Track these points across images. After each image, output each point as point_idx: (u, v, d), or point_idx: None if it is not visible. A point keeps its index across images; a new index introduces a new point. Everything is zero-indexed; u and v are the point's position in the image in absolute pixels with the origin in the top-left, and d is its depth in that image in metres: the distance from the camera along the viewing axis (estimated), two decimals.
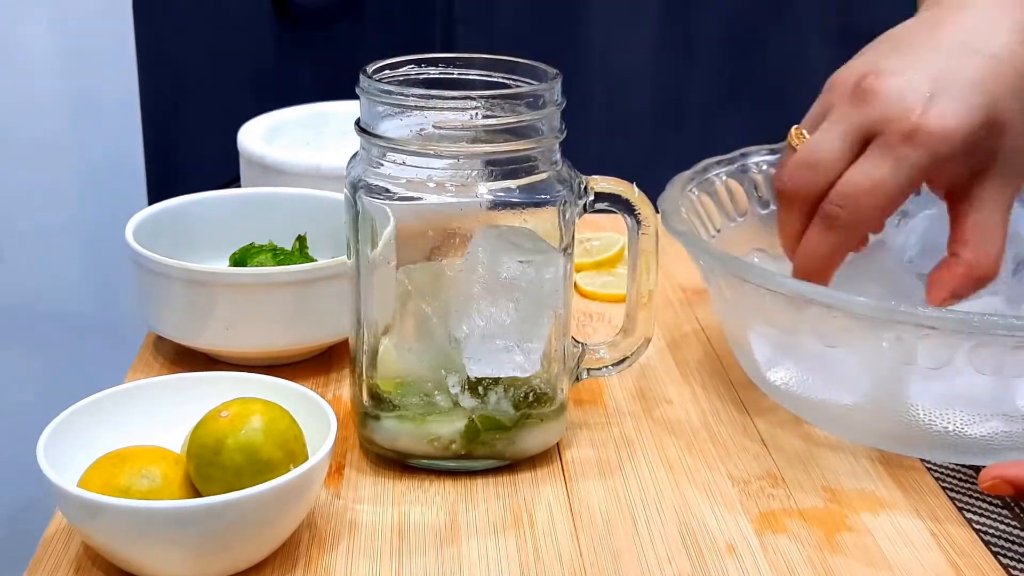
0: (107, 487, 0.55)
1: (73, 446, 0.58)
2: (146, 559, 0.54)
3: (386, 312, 0.63)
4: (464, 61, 0.65)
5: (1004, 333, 0.59)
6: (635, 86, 1.26)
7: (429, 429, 0.63)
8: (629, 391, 0.75)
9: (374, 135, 0.61)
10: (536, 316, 0.62)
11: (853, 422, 0.68)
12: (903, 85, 0.64)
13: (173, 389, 0.63)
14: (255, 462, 0.55)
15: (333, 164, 0.86)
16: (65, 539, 0.59)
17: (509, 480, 0.65)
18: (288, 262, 0.76)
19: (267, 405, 0.58)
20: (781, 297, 0.64)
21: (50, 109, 1.56)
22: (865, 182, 0.64)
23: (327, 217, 0.79)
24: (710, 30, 1.24)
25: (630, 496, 0.64)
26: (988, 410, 0.63)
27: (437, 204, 0.61)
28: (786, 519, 0.62)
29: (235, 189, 0.88)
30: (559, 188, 0.62)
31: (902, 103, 0.63)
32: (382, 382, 0.64)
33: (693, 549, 0.59)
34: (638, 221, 0.65)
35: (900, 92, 0.64)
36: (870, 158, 0.64)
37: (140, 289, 0.75)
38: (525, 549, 0.59)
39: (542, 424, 0.65)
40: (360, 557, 0.58)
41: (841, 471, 0.66)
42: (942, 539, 0.61)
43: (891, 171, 0.63)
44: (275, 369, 0.72)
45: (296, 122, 0.98)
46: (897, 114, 0.63)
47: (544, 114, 0.61)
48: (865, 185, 0.64)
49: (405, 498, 0.63)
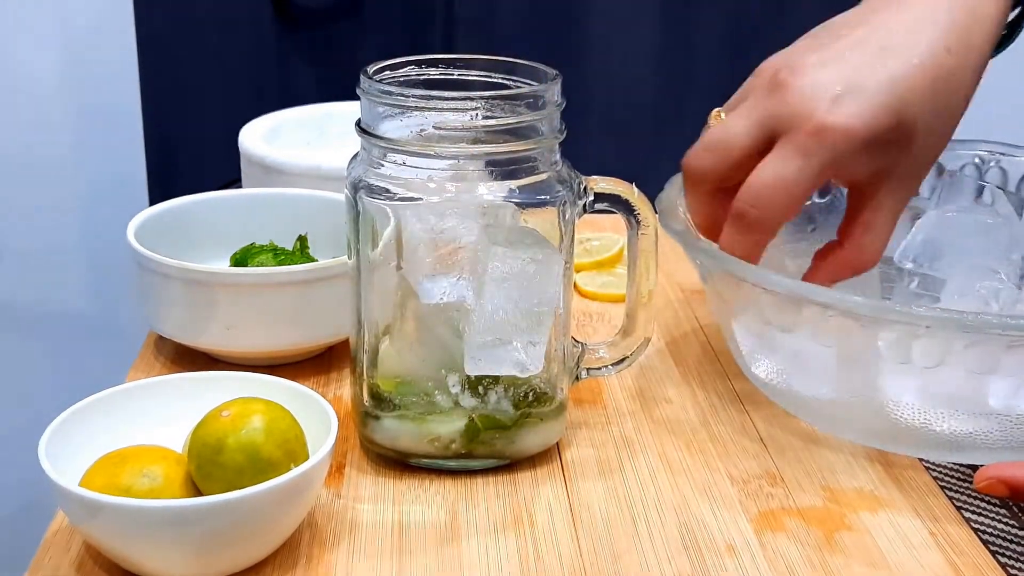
0: (108, 486, 0.55)
1: (74, 446, 0.59)
2: (147, 558, 0.54)
3: (386, 312, 0.64)
4: (464, 62, 0.65)
5: (999, 332, 0.60)
6: (635, 86, 1.26)
7: (429, 428, 0.64)
8: (629, 391, 0.75)
9: (375, 136, 0.61)
10: (537, 315, 0.62)
11: (831, 416, 0.69)
12: (815, 82, 0.64)
13: (174, 389, 0.63)
14: (256, 462, 0.56)
15: (333, 164, 0.86)
16: (66, 539, 0.59)
17: (509, 480, 0.65)
18: (289, 262, 0.76)
19: (268, 405, 0.58)
20: (776, 296, 0.64)
21: (52, 109, 1.57)
22: (772, 180, 0.65)
23: (327, 217, 0.80)
24: (710, 30, 1.24)
25: (630, 496, 0.64)
26: (963, 407, 0.64)
27: (437, 204, 0.61)
28: (785, 518, 0.62)
29: (236, 189, 0.88)
30: (559, 188, 0.62)
31: (810, 100, 0.64)
32: (382, 381, 0.64)
33: (693, 549, 0.59)
34: (638, 221, 0.66)
35: (811, 89, 0.64)
36: (777, 155, 0.65)
37: (141, 289, 0.75)
38: (525, 549, 0.59)
39: (542, 423, 0.65)
40: (361, 556, 0.58)
41: (840, 471, 0.66)
42: (940, 538, 0.61)
43: (796, 168, 0.64)
44: (276, 369, 0.72)
45: (296, 122, 0.98)
46: (804, 111, 0.64)
47: (544, 114, 0.62)
48: (772, 183, 0.65)
49: (405, 497, 0.63)
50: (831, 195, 0.80)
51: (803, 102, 0.64)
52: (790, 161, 0.64)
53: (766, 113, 0.65)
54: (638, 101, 1.25)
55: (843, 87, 0.64)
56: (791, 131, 0.64)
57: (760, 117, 0.65)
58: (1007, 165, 0.83)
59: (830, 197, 0.80)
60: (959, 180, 0.82)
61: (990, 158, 0.83)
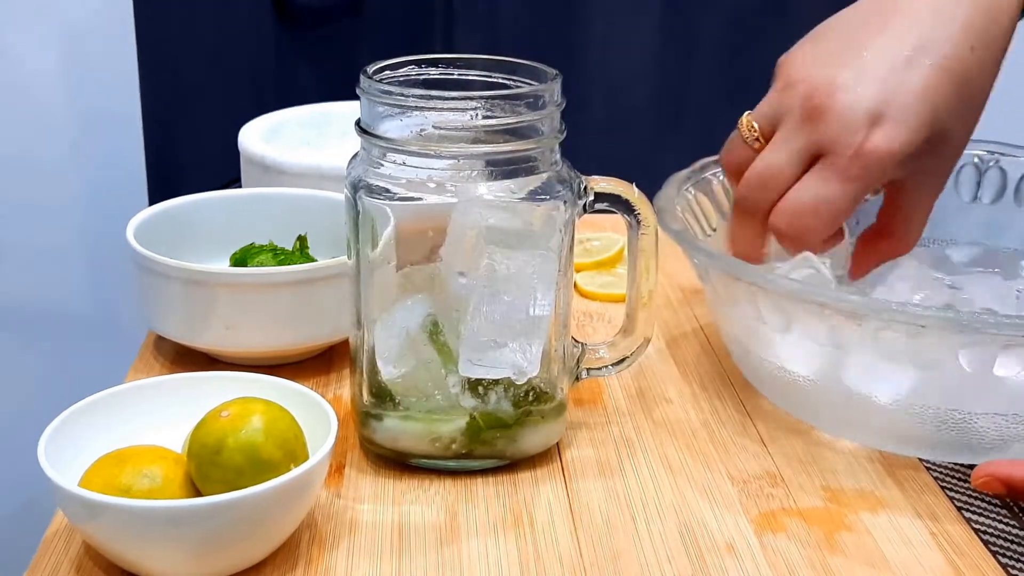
0: (108, 487, 0.55)
1: (74, 446, 0.59)
2: (147, 559, 0.54)
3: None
4: (464, 62, 0.65)
5: (994, 332, 0.60)
6: (635, 86, 1.26)
7: (430, 428, 0.63)
8: (629, 391, 0.75)
9: (374, 135, 0.61)
10: (535, 317, 0.62)
11: (831, 416, 0.69)
12: (851, 104, 0.65)
13: (173, 389, 0.63)
14: (255, 462, 0.55)
15: (333, 164, 0.86)
16: (66, 539, 0.59)
17: (509, 480, 0.65)
18: (288, 262, 0.76)
19: (267, 405, 0.58)
20: (773, 296, 0.64)
21: (51, 108, 1.56)
22: (811, 201, 0.67)
23: (327, 217, 0.80)
24: (710, 29, 1.24)
25: (630, 496, 0.64)
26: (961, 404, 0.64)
27: (437, 204, 0.61)
28: (785, 519, 0.62)
29: (235, 189, 0.88)
30: (559, 188, 0.62)
31: (849, 125, 0.65)
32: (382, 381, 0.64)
33: (693, 549, 0.59)
34: (638, 221, 0.66)
35: (848, 113, 0.65)
36: (817, 176, 0.67)
37: (140, 289, 0.75)
38: (525, 549, 0.59)
39: (542, 423, 0.65)
40: (360, 557, 0.58)
41: (840, 471, 0.66)
42: (941, 538, 0.61)
43: (836, 192, 0.66)
44: (275, 369, 0.72)
45: (296, 122, 0.98)
46: (844, 136, 0.65)
47: (544, 114, 0.61)
48: (811, 204, 0.67)
49: (405, 498, 0.63)
50: None
51: (843, 127, 0.65)
52: (831, 183, 0.66)
53: (807, 141, 0.67)
54: (638, 101, 1.25)
55: (879, 104, 0.65)
56: (831, 155, 0.66)
57: (802, 147, 0.67)
58: (1007, 165, 0.83)
59: None
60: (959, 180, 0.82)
61: (990, 158, 0.83)
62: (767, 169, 0.68)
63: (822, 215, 0.67)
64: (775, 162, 0.68)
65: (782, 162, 0.67)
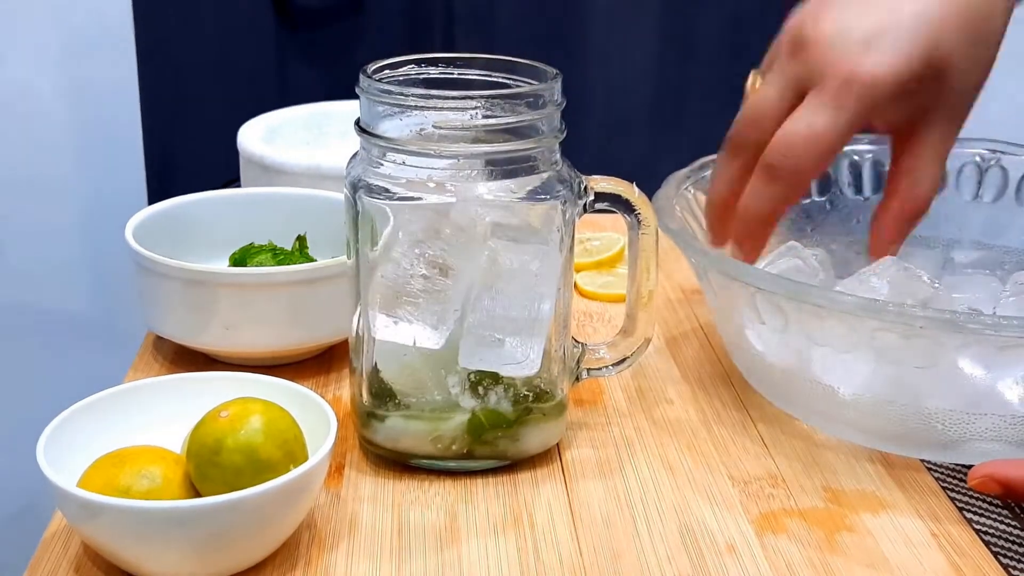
0: (107, 487, 0.55)
1: (73, 446, 0.58)
2: (146, 559, 0.54)
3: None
4: (464, 61, 0.65)
5: (992, 333, 0.60)
6: (635, 86, 1.25)
7: (431, 427, 0.63)
8: (629, 391, 0.75)
9: (374, 135, 0.61)
10: (536, 314, 0.62)
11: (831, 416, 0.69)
12: (838, 30, 0.63)
13: (173, 389, 0.63)
14: (255, 462, 0.55)
15: (333, 164, 0.86)
16: (65, 539, 0.59)
17: (509, 480, 0.65)
18: (288, 262, 0.76)
19: (267, 405, 0.58)
20: (771, 295, 0.64)
21: (50, 107, 1.57)
22: (803, 131, 0.64)
23: (327, 217, 0.79)
24: (710, 30, 1.24)
25: (630, 496, 0.64)
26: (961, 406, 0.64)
27: (437, 204, 0.61)
28: (786, 519, 0.62)
29: (235, 189, 0.88)
30: (559, 188, 0.62)
31: (837, 50, 0.63)
32: (382, 381, 0.64)
33: (693, 549, 0.59)
34: (638, 221, 0.65)
35: (836, 38, 0.63)
36: (807, 108, 0.64)
37: (140, 289, 0.74)
38: (525, 549, 0.59)
39: (543, 422, 0.65)
40: (360, 557, 0.58)
41: (841, 471, 0.66)
42: (942, 539, 0.61)
43: (828, 120, 0.63)
44: (275, 369, 0.72)
45: (296, 122, 0.98)
46: (831, 62, 0.63)
47: (544, 114, 0.61)
48: (804, 134, 0.64)
49: (405, 498, 0.63)
50: (830, 193, 0.80)
51: (829, 53, 0.63)
52: (822, 113, 0.63)
53: (794, 73, 0.65)
54: (638, 101, 1.25)
55: (868, 31, 0.63)
56: (821, 83, 0.63)
57: (789, 78, 0.65)
58: (1007, 164, 0.83)
59: (829, 195, 0.80)
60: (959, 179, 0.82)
61: (990, 157, 0.83)
62: (755, 106, 0.66)
63: (814, 146, 0.64)
64: (764, 98, 0.66)
65: (772, 97, 0.66)
